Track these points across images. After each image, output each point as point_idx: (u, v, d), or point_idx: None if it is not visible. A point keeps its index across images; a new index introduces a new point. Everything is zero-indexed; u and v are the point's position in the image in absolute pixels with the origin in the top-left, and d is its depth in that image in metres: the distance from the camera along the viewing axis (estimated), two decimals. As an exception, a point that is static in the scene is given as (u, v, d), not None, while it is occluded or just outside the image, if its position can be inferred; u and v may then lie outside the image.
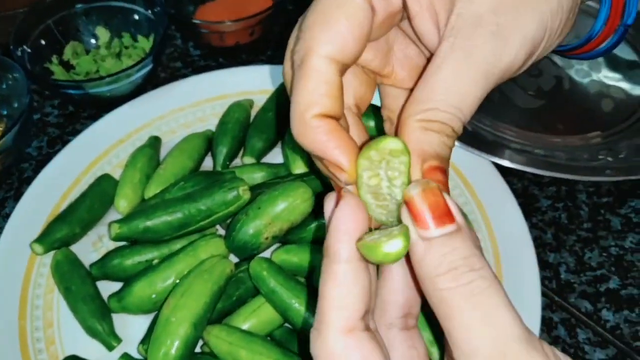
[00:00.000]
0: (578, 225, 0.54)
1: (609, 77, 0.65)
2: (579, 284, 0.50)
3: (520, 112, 0.62)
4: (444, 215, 0.22)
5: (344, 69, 0.26)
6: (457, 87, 0.25)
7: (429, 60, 0.28)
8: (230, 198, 0.48)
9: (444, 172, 0.25)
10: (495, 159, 0.53)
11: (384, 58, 0.30)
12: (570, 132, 0.59)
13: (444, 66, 0.25)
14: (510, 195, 0.51)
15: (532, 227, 0.53)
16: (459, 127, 0.26)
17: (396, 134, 0.26)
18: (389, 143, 0.23)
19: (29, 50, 0.60)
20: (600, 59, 0.66)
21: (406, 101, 0.26)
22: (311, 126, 0.25)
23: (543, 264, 0.51)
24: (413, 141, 0.25)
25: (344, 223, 0.23)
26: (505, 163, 0.52)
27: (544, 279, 0.50)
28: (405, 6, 0.27)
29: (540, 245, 0.52)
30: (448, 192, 0.24)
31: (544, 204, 0.55)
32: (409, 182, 0.24)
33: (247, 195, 0.48)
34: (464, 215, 0.25)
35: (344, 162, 0.24)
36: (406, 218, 0.23)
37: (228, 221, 0.50)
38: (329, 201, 0.25)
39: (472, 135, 0.55)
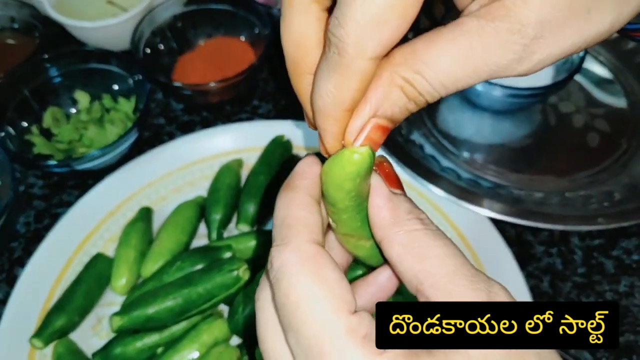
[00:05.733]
0: (573, 271, 0.55)
1: (592, 109, 0.66)
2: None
3: (509, 152, 0.62)
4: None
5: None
6: (456, 69, 0.22)
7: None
8: (230, 280, 0.48)
9: (386, 133, 0.24)
10: (488, 213, 0.53)
11: None
12: (560, 172, 0.60)
13: (458, 42, 0.22)
14: (507, 250, 0.52)
15: (528, 276, 0.54)
16: (433, 100, 0.23)
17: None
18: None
19: (9, 128, 0.58)
20: (582, 89, 0.67)
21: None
22: (336, 118, 0.24)
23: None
24: (379, 89, 0.23)
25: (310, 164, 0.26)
26: (499, 216, 0.53)
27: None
28: None
29: (537, 295, 0.53)
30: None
31: (539, 251, 0.56)
32: None
33: (246, 276, 0.48)
34: None
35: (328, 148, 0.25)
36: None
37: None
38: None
39: (464, 188, 0.55)
